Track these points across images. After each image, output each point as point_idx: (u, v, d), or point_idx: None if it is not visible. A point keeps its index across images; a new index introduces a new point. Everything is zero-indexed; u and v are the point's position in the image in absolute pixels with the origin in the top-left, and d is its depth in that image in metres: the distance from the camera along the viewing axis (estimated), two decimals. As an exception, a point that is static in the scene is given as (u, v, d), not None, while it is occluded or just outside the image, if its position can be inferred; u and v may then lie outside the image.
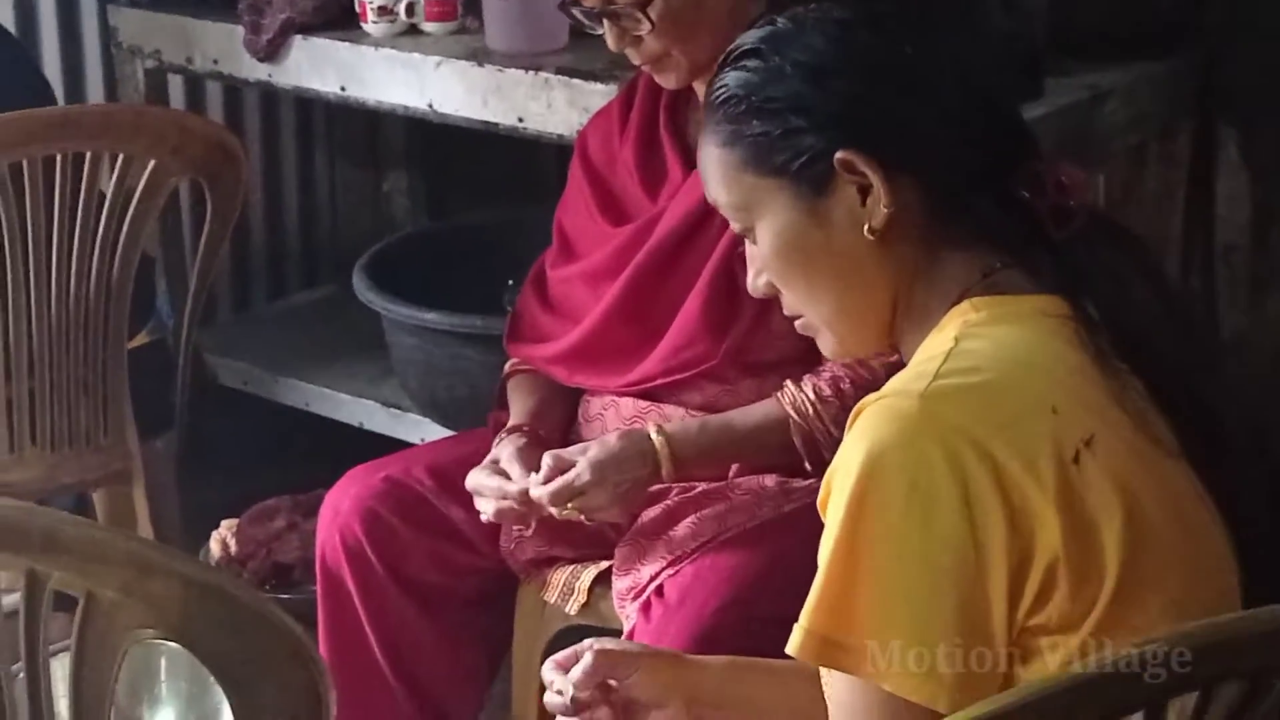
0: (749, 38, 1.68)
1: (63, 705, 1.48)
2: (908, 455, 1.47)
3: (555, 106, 2.90)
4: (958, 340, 1.55)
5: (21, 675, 1.49)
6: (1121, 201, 3.41)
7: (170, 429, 3.16)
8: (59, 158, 2.66)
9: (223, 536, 3.25)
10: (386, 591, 2.51)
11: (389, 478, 2.54)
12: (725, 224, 2.32)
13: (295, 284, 4.20)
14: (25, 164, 2.62)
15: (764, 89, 1.64)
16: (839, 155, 1.60)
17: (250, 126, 4.02)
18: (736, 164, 1.66)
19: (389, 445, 3.17)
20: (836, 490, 1.50)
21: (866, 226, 1.61)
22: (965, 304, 1.60)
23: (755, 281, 1.72)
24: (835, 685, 1.52)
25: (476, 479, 2.39)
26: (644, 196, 2.48)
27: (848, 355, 1.81)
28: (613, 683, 1.79)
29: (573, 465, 2.30)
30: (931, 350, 1.57)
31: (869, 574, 1.47)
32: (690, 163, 2.39)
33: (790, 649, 1.51)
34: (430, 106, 3.11)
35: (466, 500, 2.43)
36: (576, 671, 1.78)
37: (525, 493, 2.31)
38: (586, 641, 1.82)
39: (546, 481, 2.30)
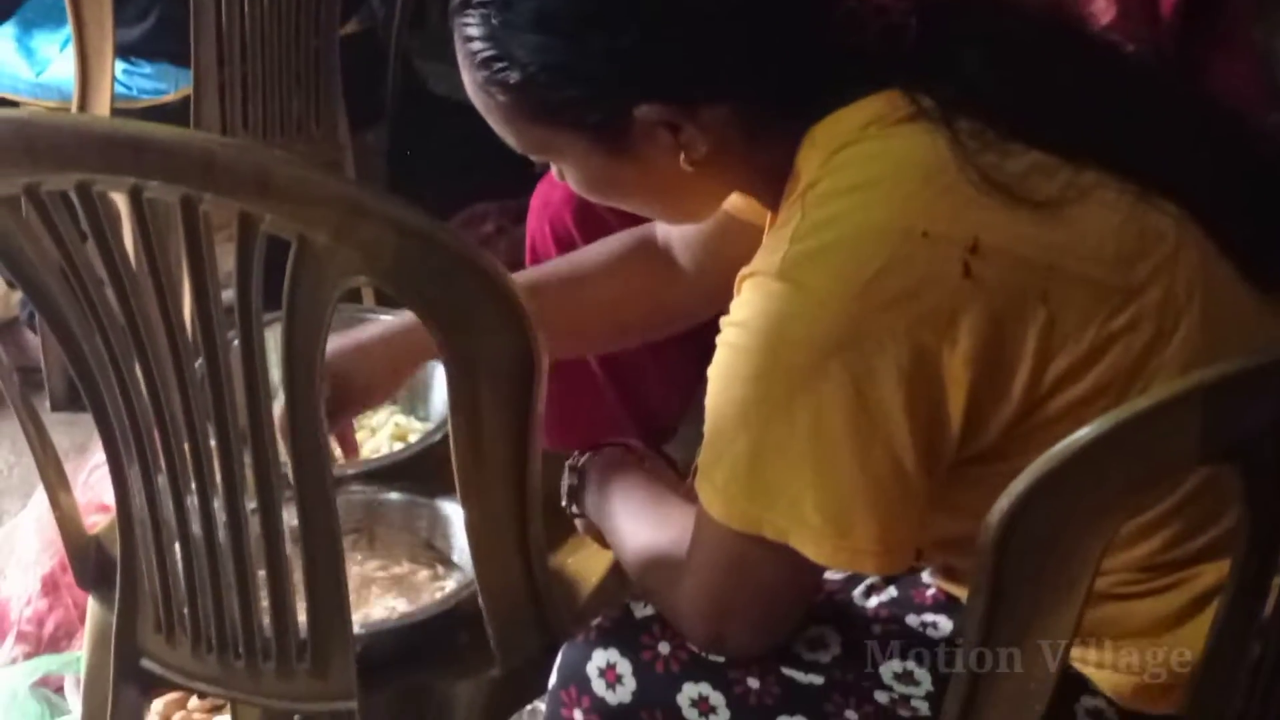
0: None
1: (276, 375, 1.47)
2: (787, 338, 1.38)
3: None
4: (808, 189, 1.44)
5: (236, 342, 1.47)
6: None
7: (380, 122, 3.15)
8: None
9: (432, 238, 3.24)
10: (596, 283, 2.48)
11: (601, 166, 2.49)
12: None
13: (507, -10, 4.13)
14: None
15: (529, 55, 1.47)
16: (637, 113, 1.47)
17: None
18: (522, 117, 1.52)
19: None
20: (729, 364, 1.43)
21: (683, 159, 1.50)
22: (802, 150, 1.47)
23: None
24: (734, 535, 1.46)
25: None
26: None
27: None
28: None
29: None
30: (788, 212, 1.46)
31: (779, 452, 1.40)
32: None
33: (716, 513, 1.45)
34: None
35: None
36: None
37: None
38: None
39: None
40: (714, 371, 1.44)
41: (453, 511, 1.82)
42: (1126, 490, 1.19)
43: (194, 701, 2.47)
